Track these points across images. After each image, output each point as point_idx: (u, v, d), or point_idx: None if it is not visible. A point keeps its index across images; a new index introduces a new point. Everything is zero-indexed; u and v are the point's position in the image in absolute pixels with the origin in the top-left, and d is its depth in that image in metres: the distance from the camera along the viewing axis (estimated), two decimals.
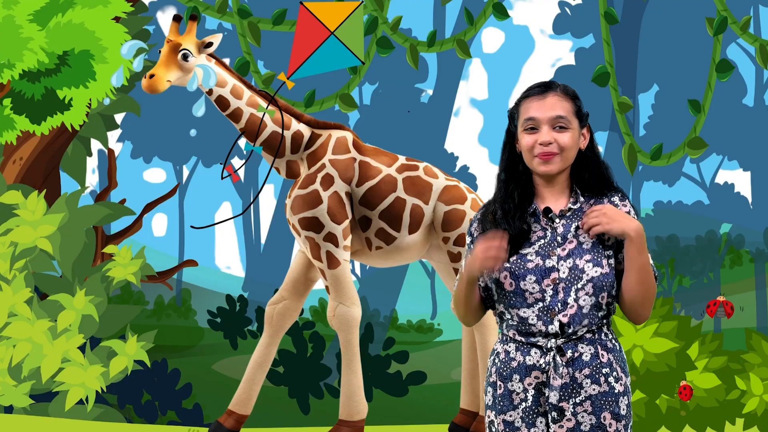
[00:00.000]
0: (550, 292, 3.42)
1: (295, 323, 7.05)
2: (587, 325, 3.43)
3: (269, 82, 8.51)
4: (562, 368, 3.40)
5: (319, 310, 11.63)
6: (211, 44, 6.37)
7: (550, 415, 3.41)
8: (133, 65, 6.33)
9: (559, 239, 3.47)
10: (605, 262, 3.44)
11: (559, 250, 3.45)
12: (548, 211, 3.50)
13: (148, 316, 11.81)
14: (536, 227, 3.49)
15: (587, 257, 3.44)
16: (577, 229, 3.47)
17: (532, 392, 3.44)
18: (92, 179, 11.82)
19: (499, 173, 3.57)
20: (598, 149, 3.57)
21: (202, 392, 9.78)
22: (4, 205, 7.84)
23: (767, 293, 12.46)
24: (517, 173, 3.53)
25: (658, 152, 8.85)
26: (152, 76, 6.18)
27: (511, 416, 3.46)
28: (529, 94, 3.52)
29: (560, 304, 3.41)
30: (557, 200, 3.52)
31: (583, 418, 3.41)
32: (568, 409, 3.40)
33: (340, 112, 8.77)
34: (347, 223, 6.52)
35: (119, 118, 9.50)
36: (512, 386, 3.45)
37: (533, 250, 3.46)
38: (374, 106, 13.16)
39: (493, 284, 3.49)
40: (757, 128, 12.89)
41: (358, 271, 12.94)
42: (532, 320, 3.43)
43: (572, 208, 3.50)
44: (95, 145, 9.29)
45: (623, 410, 3.45)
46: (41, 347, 7.50)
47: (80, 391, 7.59)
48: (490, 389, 3.51)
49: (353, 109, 8.68)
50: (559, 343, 3.41)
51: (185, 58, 6.29)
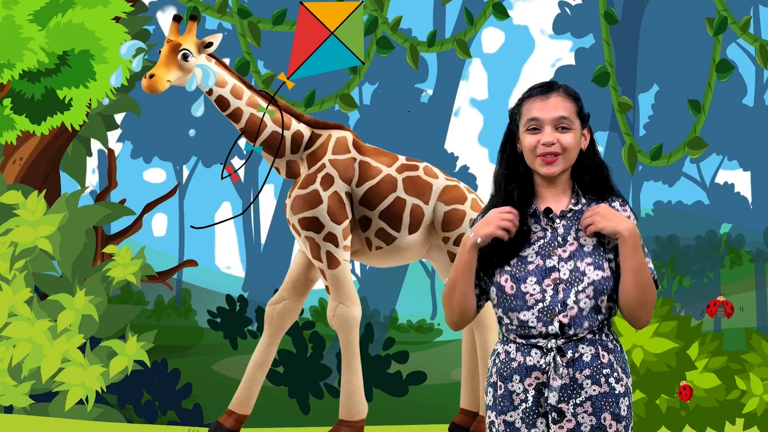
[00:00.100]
0: (550, 292, 3.41)
1: (295, 323, 7.04)
2: (587, 327, 3.42)
3: (269, 82, 8.50)
4: (562, 369, 3.40)
5: (319, 310, 11.63)
6: (211, 44, 6.37)
7: (550, 415, 3.41)
8: (132, 65, 6.33)
9: (559, 240, 3.46)
10: (606, 265, 3.44)
11: (560, 250, 3.45)
12: (549, 211, 3.49)
13: (148, 316, 11.80)
14: (536, 227, 3.49)
15: (588, 260, 3.43)
16: (578, 231, 3.47)
17: (532, 393, 3.43)
18: (92, 179, 11.82)
19: (497, 173, 3.55)
20: (598, 150, 3.57)
21: (202, 392, 9.77)
22: (4, 205, 7.84)
23: (767, 293, 12.45)
24: (517, 173, 3.53)
25: (658, 152, 8.85)
26: (152, 76, 6.18)
27: (511, 417, 3.46)
28: (531, 94, 3.51)
29: (560, 304, 3.41)
30: (558, 201, 3.51)
31: (583, 419, 3.41)
32: (567, 410, 3.40)
33: (340, 112, 8.77)
34: (347, 223, 6.51)
35: (119, 118, 9.50)
36: (512, 387, 3.45)
37: (533, 250, 3.46)
38: (374, 106, 13.16)
39: (494, 287, 3.49)
40: (757, 128, 12.88)
41: (358, 271, 12.94)
42: (532, 323, 3.42)
43: (573, 209, 3.49)
44: (95, 145, 9.29)
45: (624, 411, 3.44)
46: (41, 347, 7.50)
47: (80, 391, 7.58)
48: (490, 390, 3.51)
49: (353, 109, 8.68)
50: (559, 343, 3.41)
51: (185, 58, 6.29)
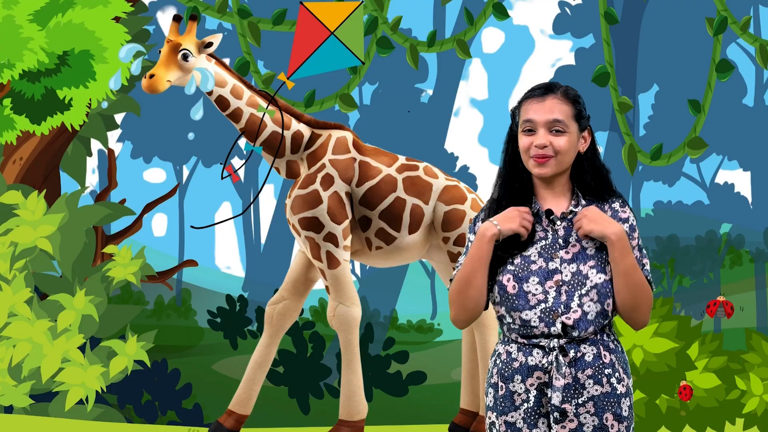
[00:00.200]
0: (552, 293, 3.41)
1: (295, 323, 7.04)
2: (593, 331, 3.43)
3: (269, 82, 8.50)
4: (564, 368, 3.40)
5: (319, 310, 11.63)
6: (211, 44, 6.37)
7: (552, 416, 3.41)
8: (131, 68, 6.32)
9: (560, 242, 3.46)
10: (608, 268, 3.44)
11: (561, 252, 3.45)
12: (550, 213, 3.49)
13: (148, 316, 11.80)
14: (537, 228, 3.49)
15: (591, 263, 3.43)
16: None
17: (534, 393, 3.43)
18: (92, 179, 11.82)
19: (500, 171, 3.57)
20: (599, 152, 3.57)
21: (202, 392, 9.77)
22: (4, 205, 7.84)
23: (767, 293, 12.45)
24: (517, 172, 3.54)
25: (658, 152, 8.84)
26: (152, 76, 6.18)
27: (512, 417, 3.45)
28: (530, 95, 3.51)
29: (563, 306, 3.40)
30: (558, 202, 3.52)
31: (585, 419, 3.41)
32: (570, 410, 3.40)
33: (340, 112, 8.76)
34: (347, 223, 6.51)
35: (119, 118, 9.50)
36: (514, 387, 3.45)
37: (535, 250, 3.46)
38: (374, 106, 13.15)
39: (496, 285, 3.49)
40: (757, 128, 12.88)
41: (358, 271, 12.94)
42: (534, 322, 3.42)
43: (574, 210, 3.49)
44: (95, 145, 9.29)
45: (625, 411, 3.44)
46: (41, 347, 7.50)
47: (80, 391, 7.58)
48: (491, 390, 3.51)
49: (353, 109, 8.68)
50: (561, 343, 3.41)
51: (185, 58, 6.29)
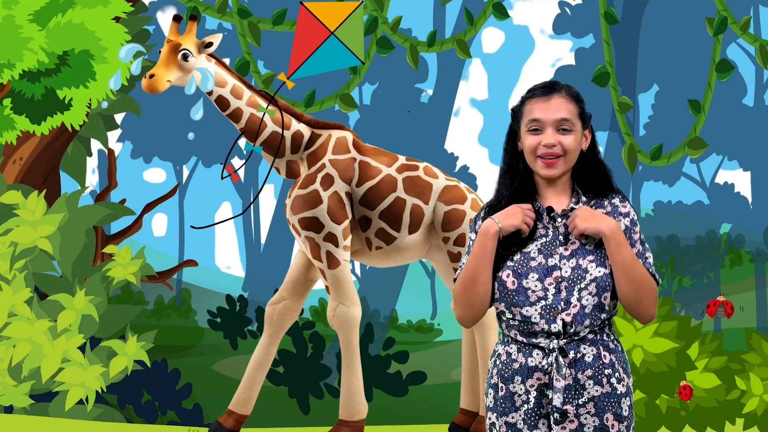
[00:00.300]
0: (552, 290, 3.42)
1: (295, 323, 7.04)
2: (589, 325, 3.42)
3: (269, 82, 8.50)
4: (564, 369, 3.40)
5: (319, 310, 11.62)
6: (211, 44, 6.37)
7: (552, 416, 3.41)
8: (131, 68, 6.32)
9: (561, 239, 3.47)
10: (607, 262, 3.44)
11: (561, 249, 3.45)
12: (551, 210, 3.50)
13: (148, 316, 11.80)
14: (538, 224, 3.50)
15: (590, 257, 3.44)
16: None
17: (534, 394, 3.43)
18: (92, 179, 11.82)
19: (501, 170, 3.57)
20: (599, 150, 3.57)
21: (202, 392, 9.77)
22: (4, 205, 7.84)
23: (767, 293, 12.45)
24: (518, 171, 3.54)
25: (658, 152, 8.84)
26: (152, 76, 6.18)
27: (513, 418, 3.45)
28: (533, 94, 3.51)
29: (563, 302, 3.41)
30: (559, 200, 3.52)
31: (586, 419, 3.41)
32: (571, 411, 3.40)
33: (340, 112, 8.76)
34: (347, 223, 6.51)
35: (119, 118, 9.49)
36: (514, 388, 3.45)
37: (536, 247, 3.47)
38: (374, 106, 13.15)
39: (496, 282, 3.49)
40: (757, 128, 12.88)
41: (358, 271, 12.93)
42: (535, 318, 3.42)
43: (574, 208, 3.50)
44: (95, 145, 9.29)
45: (625, 411, 3.44)
46: (41, 347, 7.50)
47: (80, 391, 7.58)
48: (491, 391, 3.51)
49: (353, 109, 8.68)
50: (561, 343, 3.41)
51: (185, 58, 6.29)
